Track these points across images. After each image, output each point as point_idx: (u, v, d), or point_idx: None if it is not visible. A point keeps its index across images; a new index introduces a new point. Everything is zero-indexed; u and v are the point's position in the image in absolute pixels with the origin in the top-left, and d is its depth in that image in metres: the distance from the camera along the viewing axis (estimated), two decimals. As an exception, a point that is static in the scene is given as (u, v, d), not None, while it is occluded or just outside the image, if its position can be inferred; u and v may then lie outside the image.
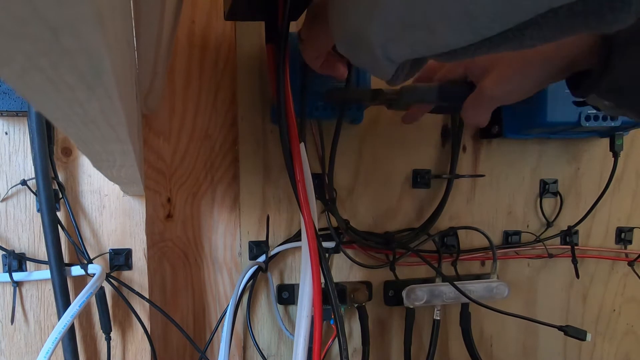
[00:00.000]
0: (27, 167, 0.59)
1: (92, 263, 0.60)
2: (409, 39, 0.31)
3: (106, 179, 0.58)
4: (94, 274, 0.58)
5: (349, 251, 0.70)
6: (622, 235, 0.80)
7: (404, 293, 0.69)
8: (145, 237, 0.62)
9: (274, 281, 0.69)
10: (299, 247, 0.67)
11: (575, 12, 0.25)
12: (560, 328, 0.69)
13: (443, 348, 0.76)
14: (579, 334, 0.68)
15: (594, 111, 0.63)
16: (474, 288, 0.69)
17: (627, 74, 0.40)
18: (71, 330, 0.57)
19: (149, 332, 0.62)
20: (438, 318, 0.71)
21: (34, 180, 0.58)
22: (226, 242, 0.68)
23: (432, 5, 0.28)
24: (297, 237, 0.68)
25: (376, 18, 0.32)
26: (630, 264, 0.80)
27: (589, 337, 0.68)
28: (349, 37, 0.37)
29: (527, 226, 0.77)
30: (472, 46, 0.29)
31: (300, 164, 0.48)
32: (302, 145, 0.49)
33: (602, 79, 0.41)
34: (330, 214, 0.67)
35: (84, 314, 0.61)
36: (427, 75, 0.60)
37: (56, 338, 0.51)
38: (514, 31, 0.26)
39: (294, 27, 0.49)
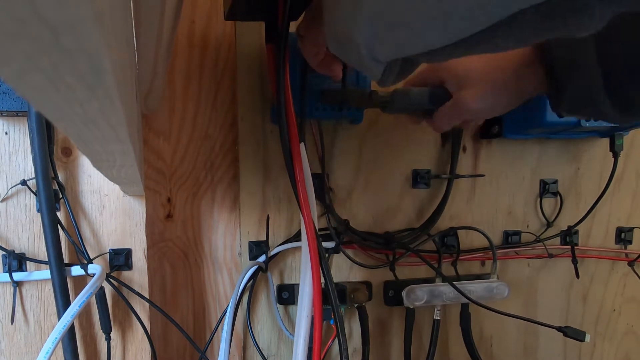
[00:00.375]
0: (27, 167, 0.59)
1: (92, 263, 0.60)
2: (391, 38, 0.32)
3: (106, 179, 0.58)
4: (94, 274, 0.58)
5: (349, 251, 0.70)
6: (622, 235, 0.80)
7: (404, 293, 0.69)
8: (145, 237, 0.62)
9: (274, 281, 0.69)
10: (299, 247, 0.67)
11: (543, 15, 0.26)
12: (559, 329, 0.69)
13: (443, 348, 0.76)
14: (577, 335, 0.68)
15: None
16: (474, 288, 0.69)
17: (576, 93, 0.46)
18: (71, 330, 0.57)
19: (149, 332, 0.62)
20: (438, 318, 0.71)
21: (34, 180, 0.58)
22: (226, 242, 0.68)
23: (410, 4, 0.29)
24: (297, 237, 0.68)
25: (359, 17, 0.33)
26: (630, 264, 0.80)
27: (587, 338, 0.68)
28: (337, 37, 0.38)
29: (527, 226, 0.77)
30: (449, 47, 0.30)
31: (300, 164, 0.48)
32: (302, 145, 0.49)
33: (559, 100, 0.48)
34: (330, 215, 0.67)
35: (84, 314, 0.61)
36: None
37: (56, 338, 0.51)
38: (487, 32, 0.27)
39: (293, 27, 0.49)
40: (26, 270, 0.60)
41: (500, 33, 0.27)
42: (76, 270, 0.59)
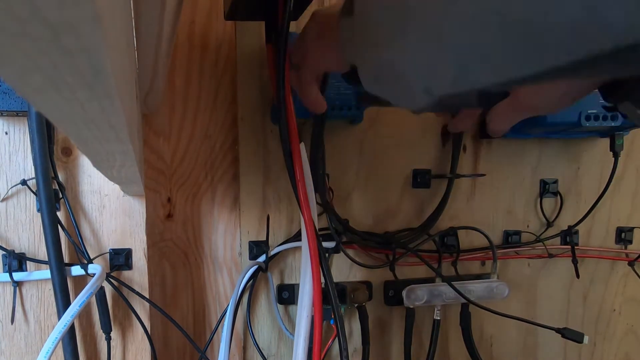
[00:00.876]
0: (27, 167, 0.59)
1: (92, 263, 0.60)
2: (467, 75, 0.28)
3: (106, 179, 0.57)
4: (94, 274, 0.58)
5: (349, 251, 0.70)
6: (622, 235, 0.80)
7: (404, 293, 0.69)
8: (145, 237, 0.62)
9: (274, 281, 0.69)
10: (299, 247, 0.67)
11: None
12: (557, 330, 0.69)
13: (443, 348, 0.76)
14: (576, 337, 0.68)
15: (594, 111, 0.63)
16: (474, 288, 0.69)
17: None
18: (71, 330, 0.57)
19: (149, 332, 0.62)
20: (438, 318, 0.71)
21: (34, 180, 0.58)
22: (226, 242, 0.68)
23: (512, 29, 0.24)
24: (297, 237, 0.68)
25: (438, 51, 0.28)
26: (631, 263, 0.80)
27: (586, 339, 0.68)
28: (379, 68, 0.34)
29: (527, 226, 0.77)
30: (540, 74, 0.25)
31: (300, 164, 0.48)
32: (302, 145, 0.49)
33: (636, 89, 0.42)
34: (330, 215, 0.67)
35: (84, 314, 0.61)
36: None
37: (56, 338, 0.51)
38: (584, 62, 0.23)
39: (294, 27, 0.49)
40: (26, 270, 0.60)
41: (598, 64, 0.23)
42: (76, 270, 0.59)
